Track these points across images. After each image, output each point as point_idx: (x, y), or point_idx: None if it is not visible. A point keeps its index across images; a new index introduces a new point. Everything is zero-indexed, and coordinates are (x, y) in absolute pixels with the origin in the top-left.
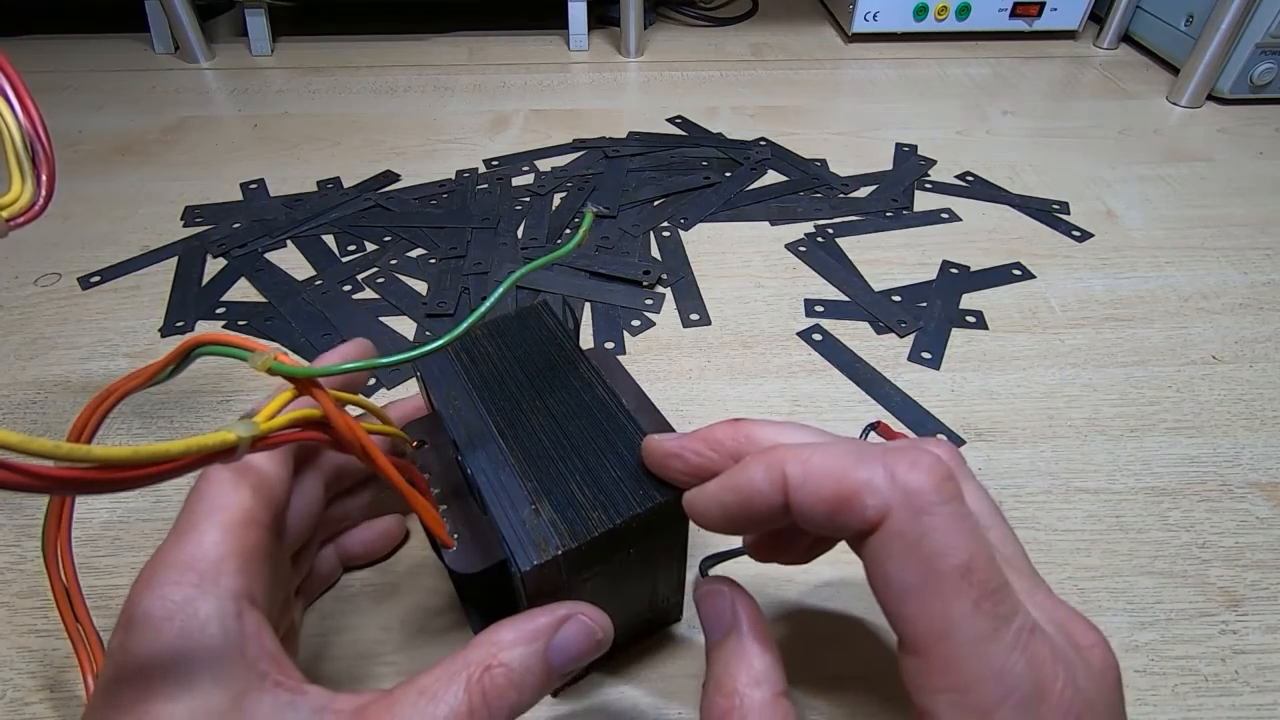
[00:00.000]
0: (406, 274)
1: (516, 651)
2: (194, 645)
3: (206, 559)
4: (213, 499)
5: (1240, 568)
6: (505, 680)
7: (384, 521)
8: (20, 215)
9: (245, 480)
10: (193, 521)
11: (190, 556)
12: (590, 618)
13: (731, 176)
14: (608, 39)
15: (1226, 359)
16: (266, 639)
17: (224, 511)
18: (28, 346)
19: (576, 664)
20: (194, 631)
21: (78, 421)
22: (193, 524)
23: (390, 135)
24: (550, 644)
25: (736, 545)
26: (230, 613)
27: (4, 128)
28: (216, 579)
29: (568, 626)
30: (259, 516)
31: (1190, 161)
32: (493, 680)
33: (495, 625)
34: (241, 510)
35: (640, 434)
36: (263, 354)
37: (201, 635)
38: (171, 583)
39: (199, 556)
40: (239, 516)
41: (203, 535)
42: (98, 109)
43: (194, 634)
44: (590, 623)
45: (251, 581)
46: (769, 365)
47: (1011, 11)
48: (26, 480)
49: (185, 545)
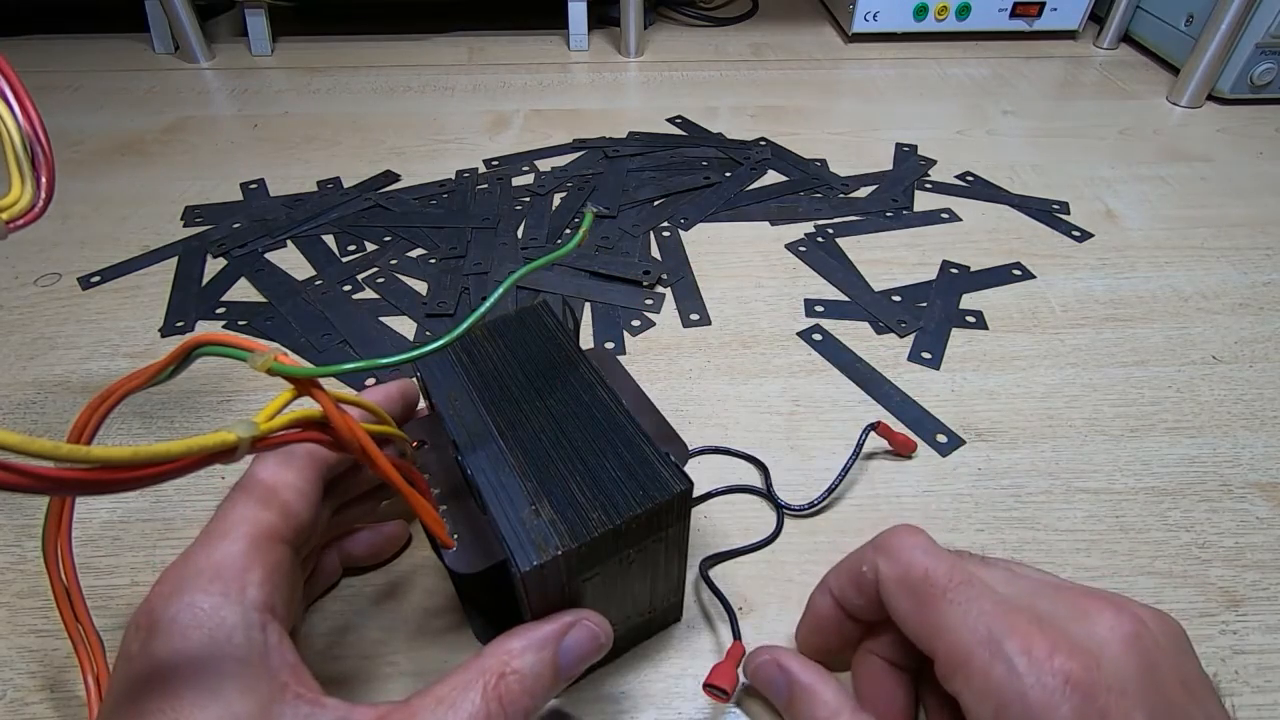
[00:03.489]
0: (406, 274)
1: (528, 658)
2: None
3: (234, 569)
4: (242, 513)
5: (1240, 568)
6: (519, 686)
7: (388, 526)
8: (20, 217)
9: (273, 501)
10: (223, 530)
11: (219, 565)
12: (594, 623)
13: (731, 176)
14: (608, 39)
15: (1226, 359)
16: (288, 651)
17: (253, 525)
18: (28, 346)
19: (581, 667)
20: (221, 640)
21: (78, 422)
22: (223, 533)
23: (390, 135)
24: (559, 650)
25: (736, 545)
26: (255, 624)
27: (4, 130)
28: (243, 590)
29: (574, 633)
30: (284, 534)
31: (1190, 161)
32: (508, 687)
33: (505, 635)
34: (269, 526)
35: (640, 434)
36: (263, 354)
37: (228, 644)
38: (200, 590)
39: (227, 566)
40: (266, 531)
41: (232, 545)
42: (98, 109)
43: (221, 642)
44: (594, 627)
45: (274, 594)
46: (769, 365)
47: (1011, 11)
48: (26, 481)
49: (214, 554)
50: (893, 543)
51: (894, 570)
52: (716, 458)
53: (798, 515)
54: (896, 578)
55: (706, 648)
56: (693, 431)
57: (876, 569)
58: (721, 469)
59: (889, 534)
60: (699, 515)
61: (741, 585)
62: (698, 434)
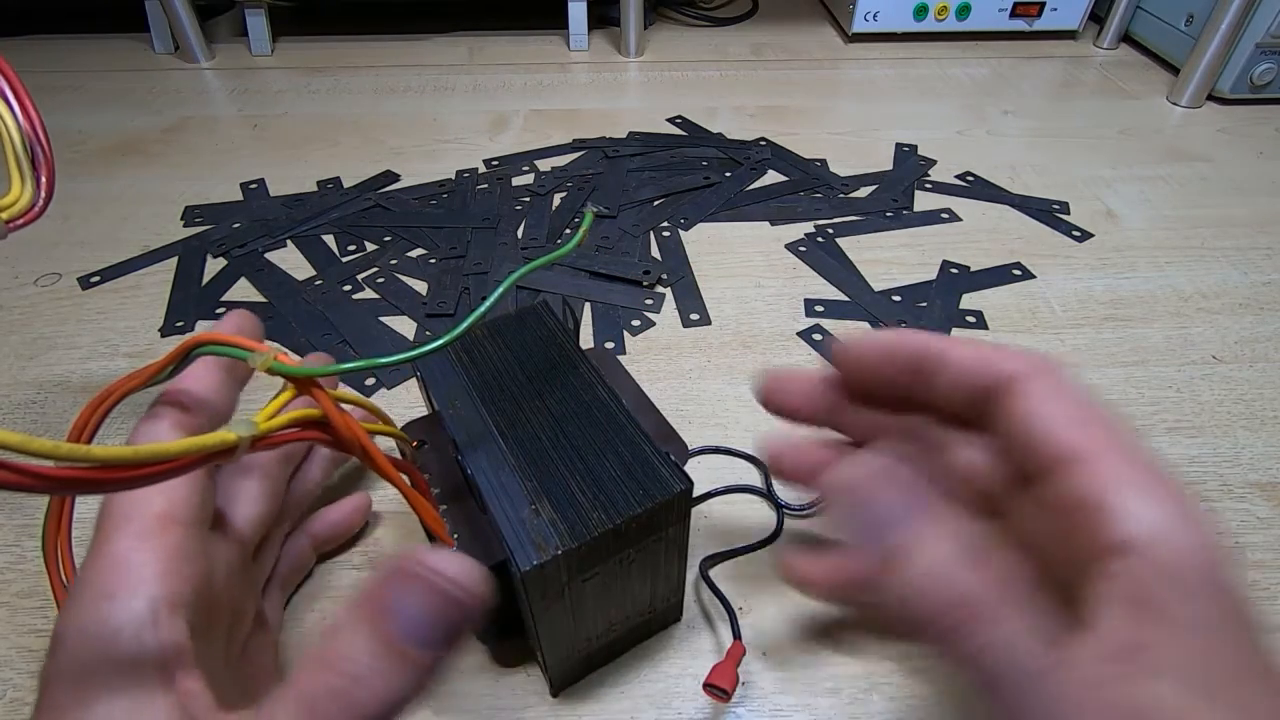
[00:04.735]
0: (406, 274)
1: (342, 641)
2: (105, 659)
3: (119, 570)
4: (121, 508)
5: (1240, 568)
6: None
7: (349, 500)
8: (20, 217)
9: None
10: (105, 535)
11: (102, 572)
12: (433, 567)
13: (731, 176)
14: (608, 39)
15: (1226, 359)
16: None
17: (135, 520)
18: (28, 346)
19: (441, 632)
20: (106, 645)
21: (78, 421)
22: (105, 537)
23: (390, 135)
24: (384, 620)
25: (737, 545)
26: (146, 622)
27: (4, 130)
28: (133, 590)
29: (402, 592)
30: (176, 514)
31: (1190, 161)
32: (326, 684)
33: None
34: (153, 515)
35: (640, 434)
36: (263, 354)
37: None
38: (87, 601)
39: (109, 570)
40: (151, 522)
41: (114, 547)
42: (98, 109)
43: (107, 648)
44: (431, 577)
45: (176, 583)
46: (769, 365)
47: (1011, 11)
48: (26, 480)
49: (98, 562)
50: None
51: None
52: (716, 458)
53: (798, 515)
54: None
55: (706, 648)
56: (693, 431)
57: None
58: (721, 469)
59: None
60: (699, 515)
61: (742, 585)
62: (698, 434)
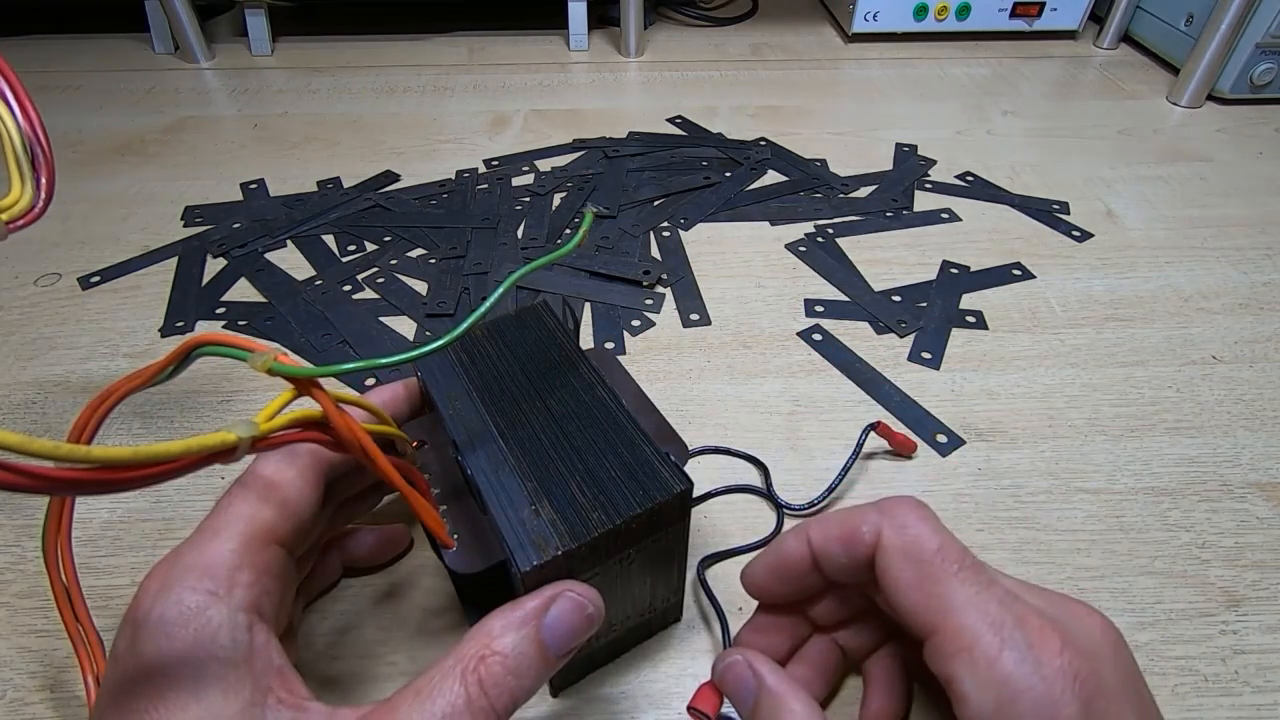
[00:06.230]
0: (406, 274)
1: (508, 638)
2: (205, 654)
3: (224, 567)
4: (239, 510)
5: (1240, 568)
6: (501, 668)
7: (390, 529)
8: (20, 218)
9: (272, 498)
10: (215, 529)
11: (208, 563)
12: (578, 593)
13: (731, 176)
14: (608, 39)
15: (1226, 359)
16: (274, 654)
17: (248, 523)
18: (28, 346)
19: (571, 642)
20: (206, 640)
21: (78, 422)
22: (214, 531)
23: (390, 135)
24: (541, 626)
25: (734, 545)
26: (241, 624)
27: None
28: (231, 589)
29: (557, 605)
30: (279, 535)
31: (1190, 161)
32: (489, 670)
33: (486, 617)
34: (263, 526)
35: (640, 434)
36: (263, 354)
37: (213, 644)
38: (188, 587)
39: (216, 564)
40: (259, 531)
41: (222, 544)
42: (98, 109)
43: (206, 642)
44: (579, 598)
45: (262, 596)
46: (769, 365)
47: (1011, 11)
48: (26, 480)
49: (204, 552)
50: (902, 511)
51: (901, 539)
52: (716, 458)
53: (798, 515)
54: (902, 547)
55: (706, 648)
56: (693, 431)
57: (880, 533)
58: (721, 469)
59: (896, 502)
60: (699, 515)
61: (741, 586)
62: (698, 434)
